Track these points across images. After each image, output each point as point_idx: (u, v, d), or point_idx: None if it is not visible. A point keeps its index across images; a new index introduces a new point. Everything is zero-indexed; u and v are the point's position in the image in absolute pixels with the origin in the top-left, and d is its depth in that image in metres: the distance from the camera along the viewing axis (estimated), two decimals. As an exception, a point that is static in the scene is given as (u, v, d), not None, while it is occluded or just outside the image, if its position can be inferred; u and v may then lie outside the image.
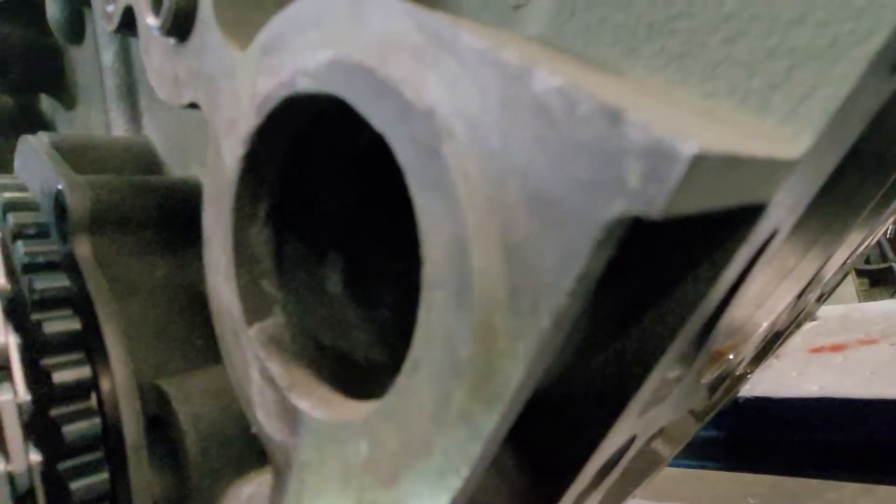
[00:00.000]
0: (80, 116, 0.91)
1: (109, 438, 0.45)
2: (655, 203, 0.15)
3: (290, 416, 0.30)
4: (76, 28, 0.86)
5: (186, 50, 0.35)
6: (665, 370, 0.32)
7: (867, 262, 4.67)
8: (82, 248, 0.52)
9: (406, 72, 0.21)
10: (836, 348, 1.54)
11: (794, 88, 0.23)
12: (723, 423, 1.48)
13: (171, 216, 0.57)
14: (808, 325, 1.87)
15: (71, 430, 0.44)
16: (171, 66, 0.36)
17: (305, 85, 0.26)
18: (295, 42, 0.27)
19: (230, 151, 0.32)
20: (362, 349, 0.40)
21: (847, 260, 0.80)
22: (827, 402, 1.33)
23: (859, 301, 3.42)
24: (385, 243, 0.42)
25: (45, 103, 0.99)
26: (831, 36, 0.22)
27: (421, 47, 0.21)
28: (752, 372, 0.95)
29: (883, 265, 4.72)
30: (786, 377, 1.48)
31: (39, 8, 0.87)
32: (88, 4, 0.82)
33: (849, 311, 1.82)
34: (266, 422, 0.31)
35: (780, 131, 0.23)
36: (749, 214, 0.24)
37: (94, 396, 0.46)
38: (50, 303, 0.48)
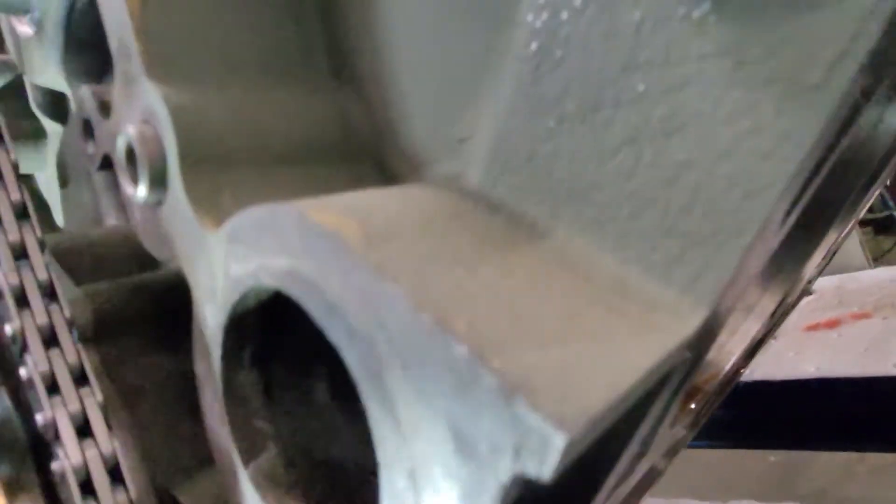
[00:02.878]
0: (72, 194, 0.94)
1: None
2: (543, 473, 0.18)
3: (289, 550, 0.34)
4: (58, 111, 0.89)
5: (165, 215, 0.38)
6: (620, 471, 0.36)
7: (870, 210, 4.67)
8: (89, 360, 0.55)
9: (349, 299, 0.25)
10: (831, 324, 1.57)
11: (689, 266, 0.26)
12: (724, 405, 1.51)
13: (170, 313, 0.61)
14: (804, 301, 1.90)
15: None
16: (153, 225, 0.40)
17: (269, 282, 0.29)
18: (256, 240, 0.30)
19: (212, 315, 0.35)
20: (351, 452, 0.43)
21: (830, 248, 0.82)
22: (824, 382, 1.37)
23: (864, 253, 3.45)
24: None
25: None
26: (713, 227, 0.25)
27: (360, 286, 0.24)
28: (744, 368, 0.98)
29: (886, 213, 4.74)
30: (783, 358, 1.52)
31: (23, 92, 0.90)
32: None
33: (843, 281, 1.85)
34: (269, 553, 0.35)
35: (682, 301, 0.27)
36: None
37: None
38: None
